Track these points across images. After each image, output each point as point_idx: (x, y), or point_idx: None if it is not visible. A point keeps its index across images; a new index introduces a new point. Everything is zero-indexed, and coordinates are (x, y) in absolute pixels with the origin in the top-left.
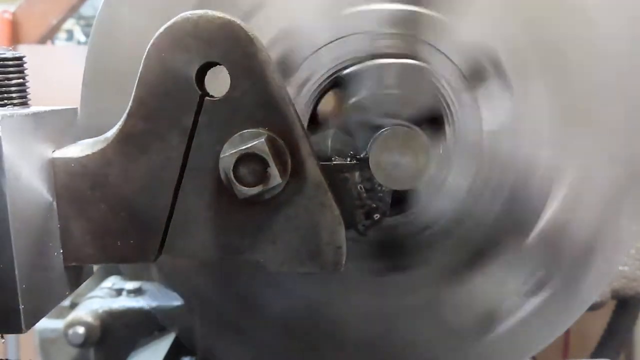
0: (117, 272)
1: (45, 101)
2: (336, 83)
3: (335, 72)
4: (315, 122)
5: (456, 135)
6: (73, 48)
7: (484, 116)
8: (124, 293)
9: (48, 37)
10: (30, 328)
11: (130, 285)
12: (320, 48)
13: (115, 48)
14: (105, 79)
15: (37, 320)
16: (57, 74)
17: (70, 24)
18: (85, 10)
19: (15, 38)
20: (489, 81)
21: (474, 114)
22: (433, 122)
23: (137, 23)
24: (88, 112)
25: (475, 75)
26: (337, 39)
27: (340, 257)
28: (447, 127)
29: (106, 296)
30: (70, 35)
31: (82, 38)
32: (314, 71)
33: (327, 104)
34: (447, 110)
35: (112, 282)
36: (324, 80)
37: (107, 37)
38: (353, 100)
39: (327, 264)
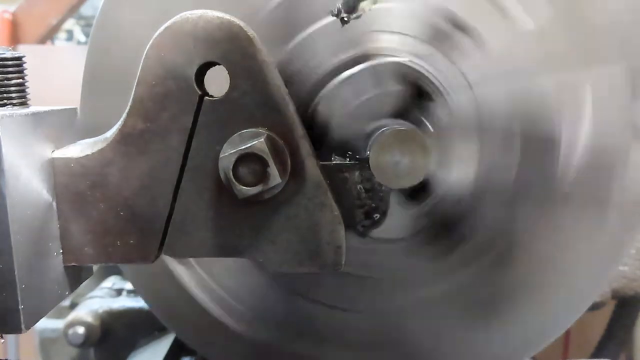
0: (117, 272)
1: (45, 101)
2: None
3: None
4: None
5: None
6: (73, 48)
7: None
8: (124, 293)
9: (48, 37)
10: (30, 328)
11: (130, 285)
12: None
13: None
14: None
15: (37, 320)
16: (57, 74)
17: (70, 24)
18: (85, 10)
19: (15, 38)
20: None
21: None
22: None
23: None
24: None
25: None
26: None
27: (340, 257)
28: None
29: (106, 296)
30: (70, 35)
31: (82, 38)
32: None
33: None
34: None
35: (112, 282)
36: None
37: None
38: None
39: (326, 263)
